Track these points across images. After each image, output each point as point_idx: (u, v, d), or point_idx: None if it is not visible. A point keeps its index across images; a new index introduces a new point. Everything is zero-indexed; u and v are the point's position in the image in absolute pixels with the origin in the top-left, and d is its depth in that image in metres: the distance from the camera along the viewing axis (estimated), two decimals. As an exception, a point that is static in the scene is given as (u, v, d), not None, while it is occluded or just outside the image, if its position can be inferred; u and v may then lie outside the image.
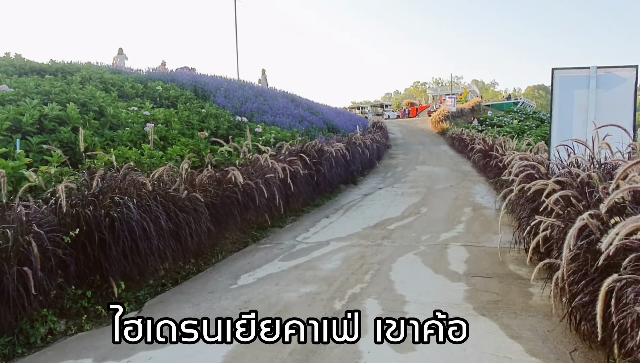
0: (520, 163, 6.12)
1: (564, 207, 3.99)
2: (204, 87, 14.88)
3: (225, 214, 6.28)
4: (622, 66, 6.16)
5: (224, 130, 10.82)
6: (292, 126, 14.99)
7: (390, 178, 14.18)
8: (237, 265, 5.53)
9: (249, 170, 7.36)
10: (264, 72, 20.92)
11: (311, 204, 9.63)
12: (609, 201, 2.42)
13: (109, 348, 3.43)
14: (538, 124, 34.19)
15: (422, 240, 6.36)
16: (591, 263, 3.01)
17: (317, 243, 6.44)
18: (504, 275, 4.68)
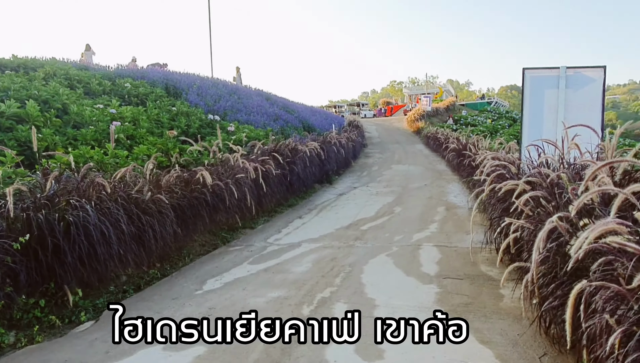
0: (492, 162, 6.11)
1: (534, 208, 3.96)
2: (175, 84, 14.53)
3: (193, 216, 6.07)
4: (591, 66, 6.20)
5: (195, 129, 10.56)
6: (266, 124, 14.78)
7: (366, 177, 14.13)
8: (205, 269, 5.34)
9: (218, 170, 7.16)
10: (239, 70, 20.61)
11: (285, 205, 9.47)
12: (578, 204, 2.35)
13: (60, 362, 3.22)
14: (510, 123, 34.81)
15: (395, 240, 6.28)
16: (561, 266, 2.96)
17: (288, 245, 6.30)
18: (475, 276, 4.63)
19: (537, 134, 5.89)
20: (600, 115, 6.06)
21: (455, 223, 7.26)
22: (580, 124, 4.58)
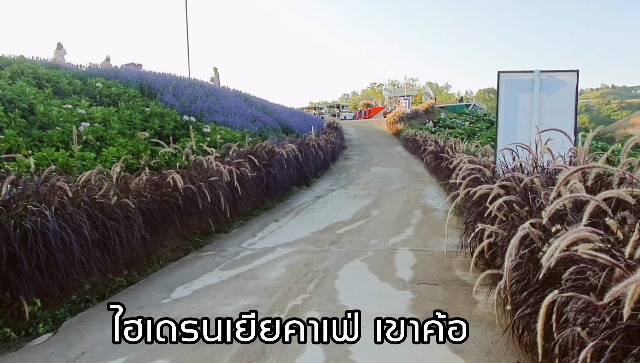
0: (468, 166, 6.09)
1: (507, 212, 3.92)
2: (150, 84, 14.20)
3: (163, 221, 5.88)
4: (564, 70, 6.25)
5: (170, 130, 10.31)
6: (244, 126, 14.58)
7: (344, 179, 14.06)
8: (174, 276, 5.16)
9: (191, 173, 6.97)
10: (216, 71, 20.34)
11: (261, 208, 9.31)
12: (550, 211, 2.29)
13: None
14: (488, 126, 35.27)
15: (371, 244, 6.20)
16: (533, 272, 2.91)
17: (262, 250, 6.15)
18: (450, 282, 4.57)
19: (512, 138, 5.90)
20: (573, 119, 6.11)
21: (431, 226, 7.23)
22: (553, 128, 4.57)
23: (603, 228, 2.51)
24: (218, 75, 20.46)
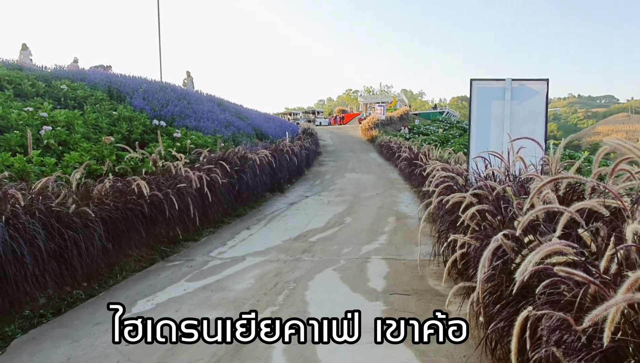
0: (441, 173, 6.06)
1: (480, 221, 3.86)
2: (119, 87, 13.80)
3: (127, 230, 5.63)
4: (535, 79, 6.29)
5: (138, 135, 10.00)
6: (217, 131, 14.32)
7: (318, 185, 13.94)
8: (137, 288, 4.91)
9: (158, 180, 6.73)
10: (189, 75, 19.98)
11: (232, 215, 9.09)
12: (523, 223, 2.22)
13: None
14: (461, 133, 35.85)
15: (344, 253, 6.08)
16: (506, 284, 2.83)
17: (232, 259, 5.95)
18: (423, 292, 4.49)
19: (484, 146, 5.89)
20: (543, 127, 6.15)
21: (404, 234, 7.16)
22: (525, 136, 4.56)
23: (576, 239, 2.45)
24: (192, 79, 20.11)
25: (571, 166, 3.79)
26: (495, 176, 4.59)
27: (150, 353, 3.32)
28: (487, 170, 4.72)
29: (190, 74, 20.00)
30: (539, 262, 2.10)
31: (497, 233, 3.31)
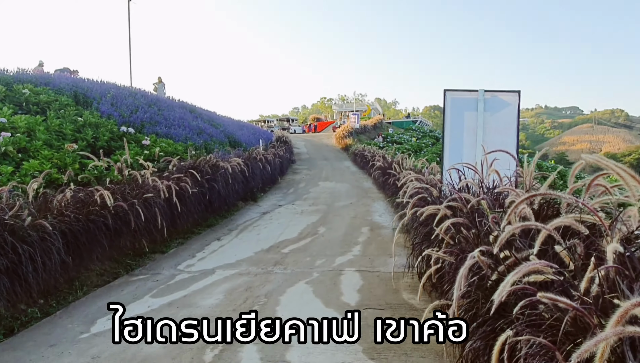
0: (415, 184, 6.01)
1: (455, 234, 3.80)
2: (86, 92, 13.37)
3: (89, 243, 5.35)
4: (507, 90, 6.33)
5: (104, 142, 9.65)
6: (188, 138, 14.02)
7: (292, 194, 13.78)
8: (98, 305, 4.64)
9: (124, 189, 6.45)
10: (161, 80, 19.58)
11: (203, 225, 8.83)
12: (501, 241, 2.14)
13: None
14: (434, 142, 36.39)
15: (317, 265, 5.94)
16: (482, 302, 2.76)
17: (201, 272, 5.73)
18: (397, 306, 4.39)
19: (458, 156, 5.88)
20: (515, 138, 6.19)
21: (378, 244, 7.08)
22: (499, 149, 4.54)
23: (552, 257, 2.39)
24: (163, 84, 19.70)
25: (544, 178, 3.78)
26: (469, 188, 4.55)
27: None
28: (461, 182, 4.68)
29: (162, 79, 19.60)
30: (517, 281, 2.02)
31: (473, 247, 3.25)
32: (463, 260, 3.21)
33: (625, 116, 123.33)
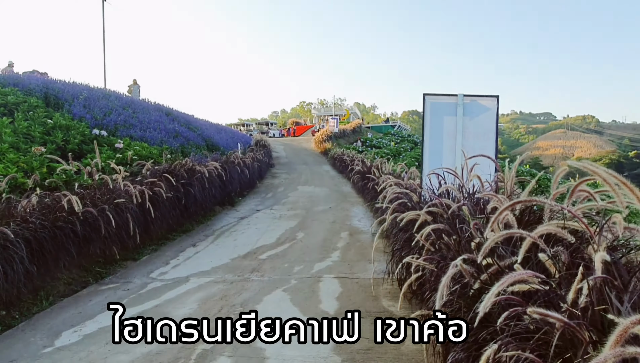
0: (394, 189, 5.94)
1: (435, 240, 3.72)
2: (57, 94, 12.97)
3: (56, 250, 5.10)
4: (485, 95, 6.35)
5: (75, 145, 9.33)
6: (164, 142, 13.72)
7: (271, 199, 13.60)
8: (64, 316, 4.41)
9: (94, 194, 6.20)
10: (136, 82, 19.17)
11: (178, 231, 8.59)
12: (485, 248, 2.05)
13: None
14: (412, 146, 36.68)
15: (295, 272, 5.81)
16: (464, 310, 2.68)
17: (174, 280, 5.53)
18: (377, 314, 4.29)
19: (438, 161, 5.84)
20: (494, 143, 6.19)
21: (357, 250, 6.99)
22: (480, 153, 4.50)
23: (536, 264, 2.33)
24: (138, 87, 19.30)
25: (524, 184, 3.74)
26: (450, 193, 4.49)
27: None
28: (441, 188, 4.63)
29: (137, 81, 19.20)
30: (501, 291, 1.94)
31: (454, 254, 3.18)
32: (445, 268, 3.14)
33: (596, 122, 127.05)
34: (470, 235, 3.07)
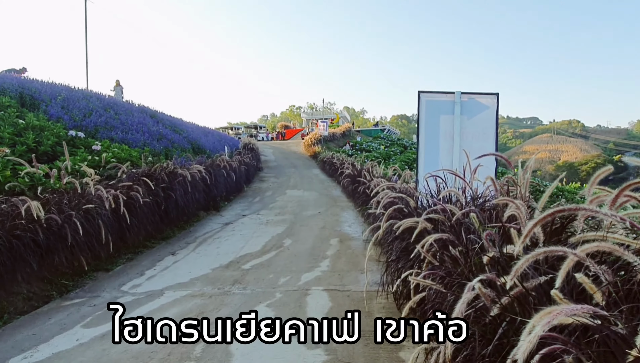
0: (388, 193, 5.50)
1: (437, 251, 3.28)
2: (34, 94, 12.38)
3: (12, 262, 4.57)
4: (484, 93, 5.94)
5: (48, 146, 8.76)
6: (147, 144, 13.18)
7: (258, 203, 13.10)
8: (16, 338, 3.88)
9: (61, 199, 5.67)
10: (119, 83, 18.56)
11: (158, 238, 8.07)
12: (517, 270, 1.60)
13: None
14: (402, 150, 36.41)
15: (280, 284, 5.33)
16: (479, 340, 2.23)
17: (147, 294, 5.02)
18: (371, 334, 3.83)
19: (434, 163, 5.42)
20: (494, 143, 5.79)
21: (348, 258, 6.53)
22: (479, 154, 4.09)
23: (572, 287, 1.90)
24: (121, 88, 18.69)
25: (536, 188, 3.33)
26: (451, 198, 4.06)
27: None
28: (443, 192, 4.19)
29: (120, 83, 18.59)
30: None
31: (463, 270, 2.75)
32: (452, 286, 2.70)
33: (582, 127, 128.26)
34: (482, 246, 2.63)
